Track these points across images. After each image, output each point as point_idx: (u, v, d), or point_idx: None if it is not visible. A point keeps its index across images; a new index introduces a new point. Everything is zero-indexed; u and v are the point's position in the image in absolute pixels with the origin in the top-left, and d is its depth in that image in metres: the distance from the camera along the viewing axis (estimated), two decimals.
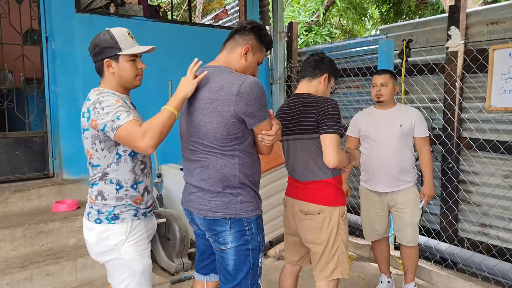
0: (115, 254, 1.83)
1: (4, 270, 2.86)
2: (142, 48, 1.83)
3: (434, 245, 3.57)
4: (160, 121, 1.67)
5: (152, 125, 1.64)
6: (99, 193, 1.83)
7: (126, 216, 1.83)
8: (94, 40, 1.82)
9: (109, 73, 1.82)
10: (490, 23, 3.26)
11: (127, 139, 1.65)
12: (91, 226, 1.84)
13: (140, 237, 1.88)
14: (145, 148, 1.63)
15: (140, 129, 1.63)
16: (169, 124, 1.69)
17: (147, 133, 1.62)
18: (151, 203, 1.98)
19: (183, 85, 1.78)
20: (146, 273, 1.91)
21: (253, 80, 1.74)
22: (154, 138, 1.63)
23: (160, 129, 1.65)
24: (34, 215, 3.42)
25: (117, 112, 1.67)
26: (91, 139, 1.77)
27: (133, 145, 1.65)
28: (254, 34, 1.88)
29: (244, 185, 1.84)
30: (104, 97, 1.73)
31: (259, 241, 1.89)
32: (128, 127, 1.63)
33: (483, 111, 3.26)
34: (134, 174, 1.84)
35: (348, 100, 4.42)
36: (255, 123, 1.77)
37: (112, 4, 4.13)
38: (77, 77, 3.88)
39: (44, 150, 3.90)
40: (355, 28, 10.71)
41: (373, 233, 3.04)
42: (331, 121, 2.08)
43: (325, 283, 2.25)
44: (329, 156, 2.08)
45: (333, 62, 2.33)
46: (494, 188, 3.24)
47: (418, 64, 3.67)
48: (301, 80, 2.32)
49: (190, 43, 4.51)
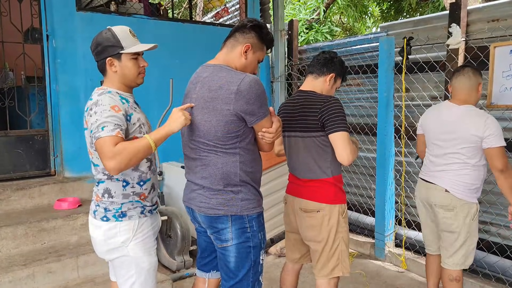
0: (123, 251, 1.84)
1: (6, 268, 2.88)
2: (144, 46, 1.83)
3: None
4: (135, 148, 1.64)
5: (125, 150, 1.61)
6: (105, 191, 1.82)
7: (133, 214, 1.84)
8: (96, 39, 1.82)
9: (111, 72, 1.82)
10: (491, 20, 3.25)
11: (99, 153, 1.64)
12: (98, 224, 1.84)
13: (147, 234, 1.89)
14: (109, 169, 1.61)
15: (113, 149, 1.60)
16: (142, 155, 1.67)
17: (117, 156, 1.59)
18: (156, 201, 1.99)
19: (172, 121, 1.74)
20: (152, 270, 1.92)
21: (252, 78, 1.74)
22: (121, 163, 1.60)
23: (131, 157, 1.62)
24: (36, 213, 3.43)
25: (104, 123, 1.65)
26: (90, 138, 1.77)
27: (101, 159, 1.64)
28: (254, 32, 1.88)
29: (245, 182, 1.84)
30: (103, 100, 1.73)
31: (260, 239, 1.90)
32: (104, 142, 1.61)
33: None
34: (139, 172, 1.84)
35: (349, 98, 4.42)
36: (255, 121, 1.77)
37: (112, 2, 4.14)
38: (78, 75, 3.89)
39: (46, 148, 3.91)
40: (356, 26, 10.70)
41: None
42: (337, 120, 2.08)
43: (326, 281, 2.26)
44: (343, 154, 2.07)
45: (343, 63, 2.32)
46: (495, 185, 3.23)
47: (419, 62, 3.66)
48: (308, 75, 2.31)
49: (191, 41, 4.52)
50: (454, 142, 2.49)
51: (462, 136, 2.45)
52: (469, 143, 2.44)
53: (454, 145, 2.49)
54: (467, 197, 2.49)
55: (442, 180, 2.55)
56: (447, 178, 2.53)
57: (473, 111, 2.50)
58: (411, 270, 3.54)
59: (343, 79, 2.37)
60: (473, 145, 2.43)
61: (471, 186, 2.49)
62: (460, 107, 2.52)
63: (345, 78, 2.39)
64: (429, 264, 2.87)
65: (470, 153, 2.45)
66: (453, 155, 2.51)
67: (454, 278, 2.55)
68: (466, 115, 2.47)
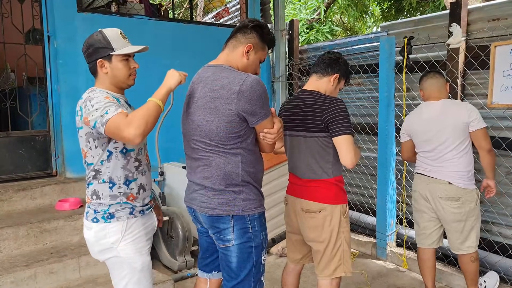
0: (113, 252, 1.84)
1: (8, 269, 2.88)
2: (134, 48, 1.84)
3: None
4: (145, 110, 1.64)
5: (138, 115, 1.63)
6: (93, 193, 1.84)
7: (122, 215, 1.83)
8: (87, 41, 1.84)
9: (102, 73, 1.83)
10: (492, 19, 3.25)
11: (115, 131, 1.63)
12: (89, 226, 1.86)
13: (138, 234, 1.88)
14: (131, 137, 1.60)
15: (126, 119, 1.62)
16: (155, 115, 1.67)
17: (133, 123, 1.60)
18: (149, 201, 1.97)
19: (168, 78, 1.79)
20: (145, 270, 1.91)
21: (254, 78, 1.75)
22: (140, 127, 1.59)
23: (146, 118, 1.62)
24: (38, 214, 3.43)
25: (106, 107, 1.67)
26: (85, 137, 1.78)
27: (120, 136, 1.63)
28: (256, 33, 1.89)
29: (247, 182, 1.84)
30: (94, 94, 1.75)
31: (262, 239, 1.90)
32: (115, 119, 1.63)
33: (484, 108, 3.26)
34: (126, 171, 1.83)
35: (349, 98, 4.42)
36: (256, 122, 1.78)
37: (113, 3, 4.14)
38: (79, 75, 3.89)
39: (47, 149, 3.92)
40: (356, 26, 10.70)
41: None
42: (342, 122, 2.08)
43: (328, 281, 2.26)
44: (347, 158, 2.08)
45: (347, 65, 2.33)
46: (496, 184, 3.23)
47: (420, 61, 3.66)
48: (312, 75, 2.32)
49: (192, 42, 4.52)
50: (442, 133, 2.68)
51: (449, 125, 2.65)
52: (456, 130, 2.64)
53: (443, 136, 2.68)
54: (468, 185, 2.68)
55: (443, 173, 2.71)
56: (446, 171, 2.70)
57: (451, 101, 2.83)
58: (412, 270, 3.54)
59: (347, 81, 2.37)
60: (460, 132, 2.64)
61: (468, 174, 2.69)
62: (438, 102, 2.77)
63: (348, 80, 2.39)
64: (425, 260, 2.90)
65: (459, 140, 2.65)
66: (444, 145, 2.68)
67: (475, 258, 2.75)
68: (446, 106, 2.73)
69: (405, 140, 2.96)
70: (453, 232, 2.75)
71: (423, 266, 2.92)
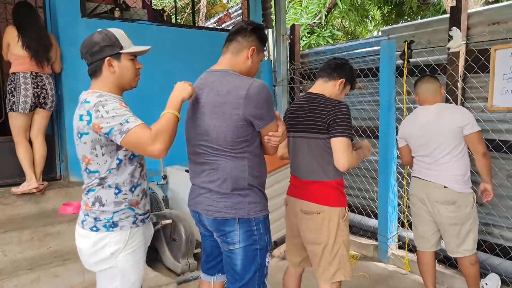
0: (110, 263, 1.76)
1: (12, 273, 2.89)
2: (142, 47, 1.81)
3: None
4: (168, 124, 1.64)
5: (162, 129, 1.61)
6: (96, 199, 1.74)
7: (125, 224, 1.77)
8: (90, 40, 1.74)
9: (108, 73, 1.74)
10: (492, 23, 3.27)
11: (137, 143, 1.60)
12: (86, 234, 1.76)
13: (138, 245, 1.82)
14: (158, 153, 1.59)
15: (151, 133, 1.59)
16: (175, 127, 1.67)
17: (158, 137, 1.58)
18: (148, 209, 1.91)
19: (181, 90, 1.75)
20: (137, 285, 1.84)
21: (260, 83, 1.78)
22: (165, 142, 1.60)
23: (170, 133, 1.62)
24: (41, 218, 3.45)
25: (125, 116, 1.62)
26: (91, 143, 1.69)
27: (143, 149, 1.61)
28: (255, 35, 1.91)
29: (253, 186, 1.86)
30: (107, 100, 1.67)
31: (267, 241, 1.92)
32: (138, 131, 1.59)
33: (485, 111, 3.28)
34: (133, 177, 1.78)
35: (351, 101, 4.44)
36: (263, 125, 1.80)
37: (117, 9, 4.17)
38: (82, 80, 3.89)
39: (51, 153, 3.93)
40: (357, 30, 10.72)
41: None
42: (341, 125, 2.10)
43: (328, 286, 2.25)
44: (340, 160, 2.09)
45: (353, 70, 2.37)
46: (497, 187, 3.25)
47: (420, 65, 3.69)
48: (318, 79, 2.35)
49: (194, 46, 4.55)
50: (438, 137, 2.69)
51: (444, 129, 2.66)
52: (451, 134, 2.64)
53: (438, 140, 2.68)
54: (463, 189, 2.68)
55: (439, 177, 2.72)
56: (442, 175, 2.70)
57: (446, 105, 2.86)
58: (414, 272, 3.54)
59: (352, 86, 2.40)
60: (455, 136, 2.64)
61: (463, 177, 2.69)
62: (433, 106, 2.78)
63: (354, 86, 2.42)
64: (425, 263, 2.91)
65: (454, 144, 2.65)
66: (439, 149, 2.69)
67: (475, 261, 2.75)
68: (441, 110, 2.74)
69: (403, 145, 2.98)
70: (449, 236, 2.75)
71: (423, 269, 2.93)
